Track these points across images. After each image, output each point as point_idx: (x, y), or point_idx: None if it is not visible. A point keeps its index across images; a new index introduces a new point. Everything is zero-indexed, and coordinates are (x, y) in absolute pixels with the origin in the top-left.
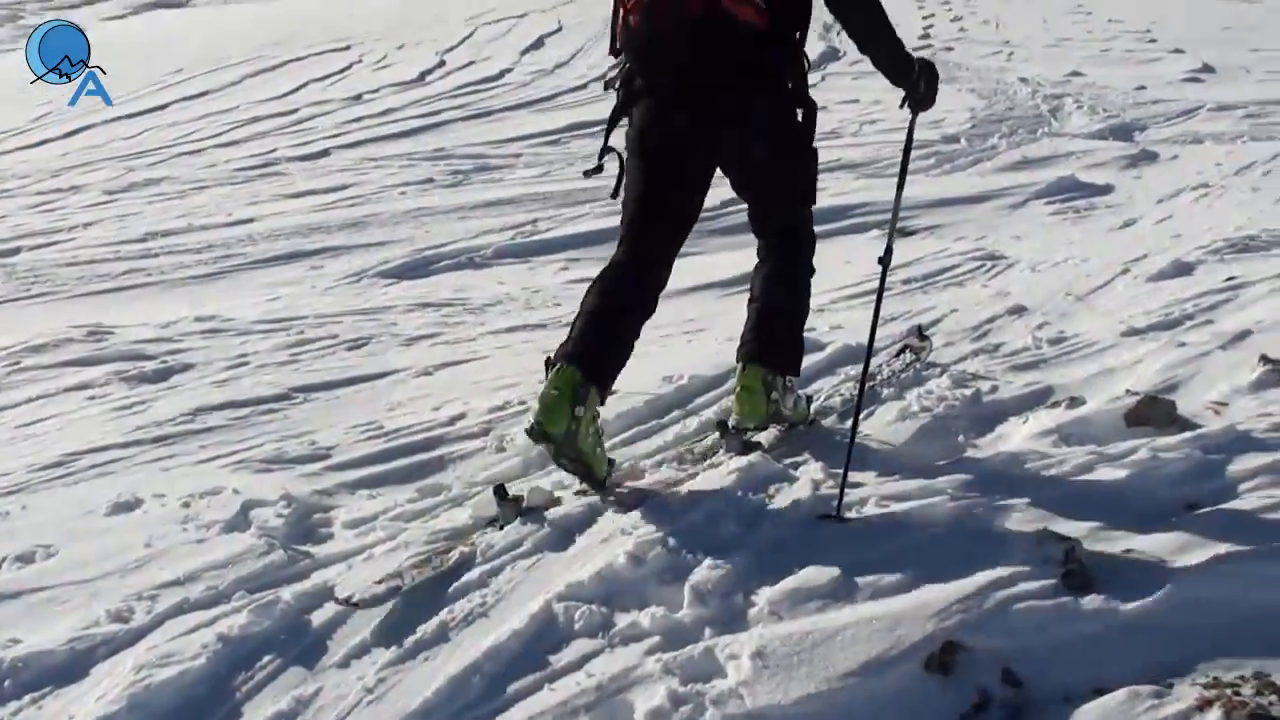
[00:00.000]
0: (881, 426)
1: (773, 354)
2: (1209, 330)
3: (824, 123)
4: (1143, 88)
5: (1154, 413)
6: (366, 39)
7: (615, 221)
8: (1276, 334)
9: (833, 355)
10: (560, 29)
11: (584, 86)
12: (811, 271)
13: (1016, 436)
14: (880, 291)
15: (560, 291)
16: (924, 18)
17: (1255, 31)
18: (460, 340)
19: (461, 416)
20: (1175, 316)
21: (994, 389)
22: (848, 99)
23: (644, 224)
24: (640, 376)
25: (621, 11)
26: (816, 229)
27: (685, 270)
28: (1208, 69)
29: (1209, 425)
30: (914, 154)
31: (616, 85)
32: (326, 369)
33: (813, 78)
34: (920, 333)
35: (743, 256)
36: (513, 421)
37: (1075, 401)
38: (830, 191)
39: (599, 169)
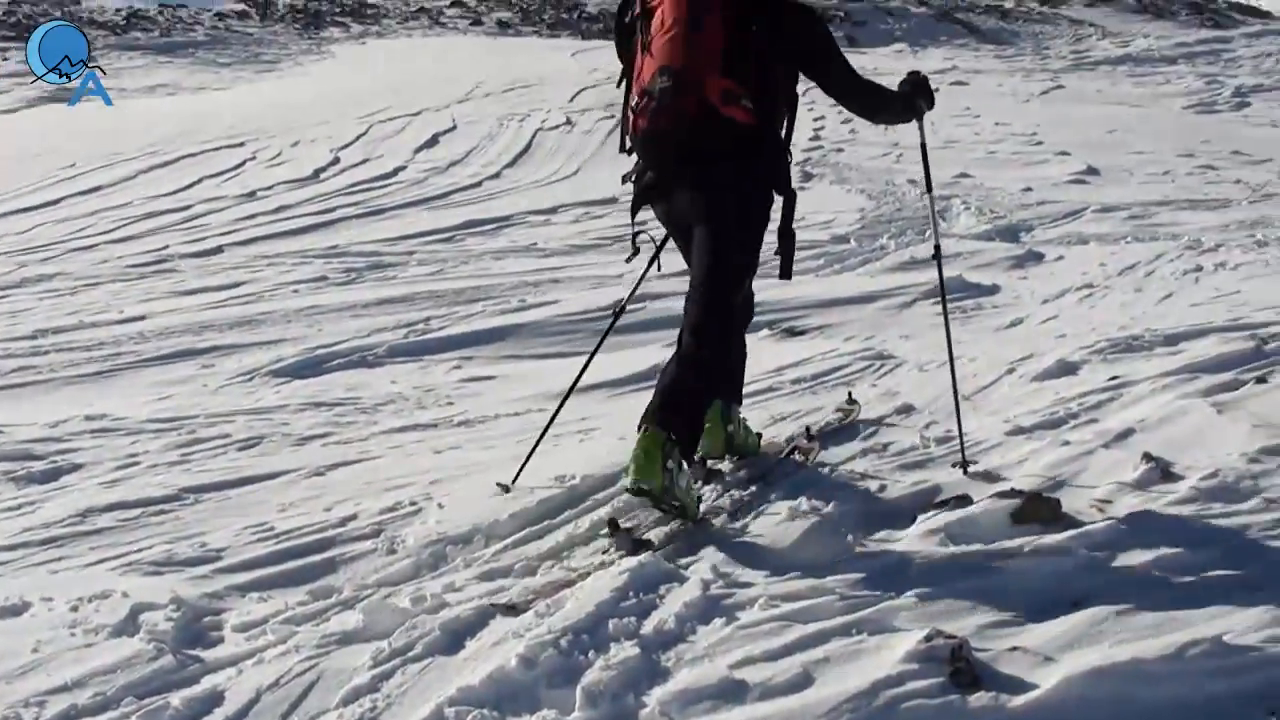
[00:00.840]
0: (771, 526)
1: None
2: (1093, 429)
3: None
4: (1029, 189)
5: (1040, 511)
6: (261, 135)
7: (509, 320)
8: (1159, 432)
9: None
10: (454, 127)
11: (478, 184)
12: (726, 343)
13: (905, 536)
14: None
15: (453, 391)
16: (814, 119)
17: (1137, 135)
18: (352, 440)
19: (353, 518)
20: (1060, 415)
21: (882, 488)
22: None
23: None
24: (532, 476)
25: (631, 116)
26: None
27: (575, 368)
28: (1092, 171)
29: (1093, 522)
30: (803, 254)
31: (632, 179)
32: (218, 469)
33: None
34: (809, 433)
35: (634, 355)
36: (404, 523)
37: (962, 500)
38: None
39: (636, 252)
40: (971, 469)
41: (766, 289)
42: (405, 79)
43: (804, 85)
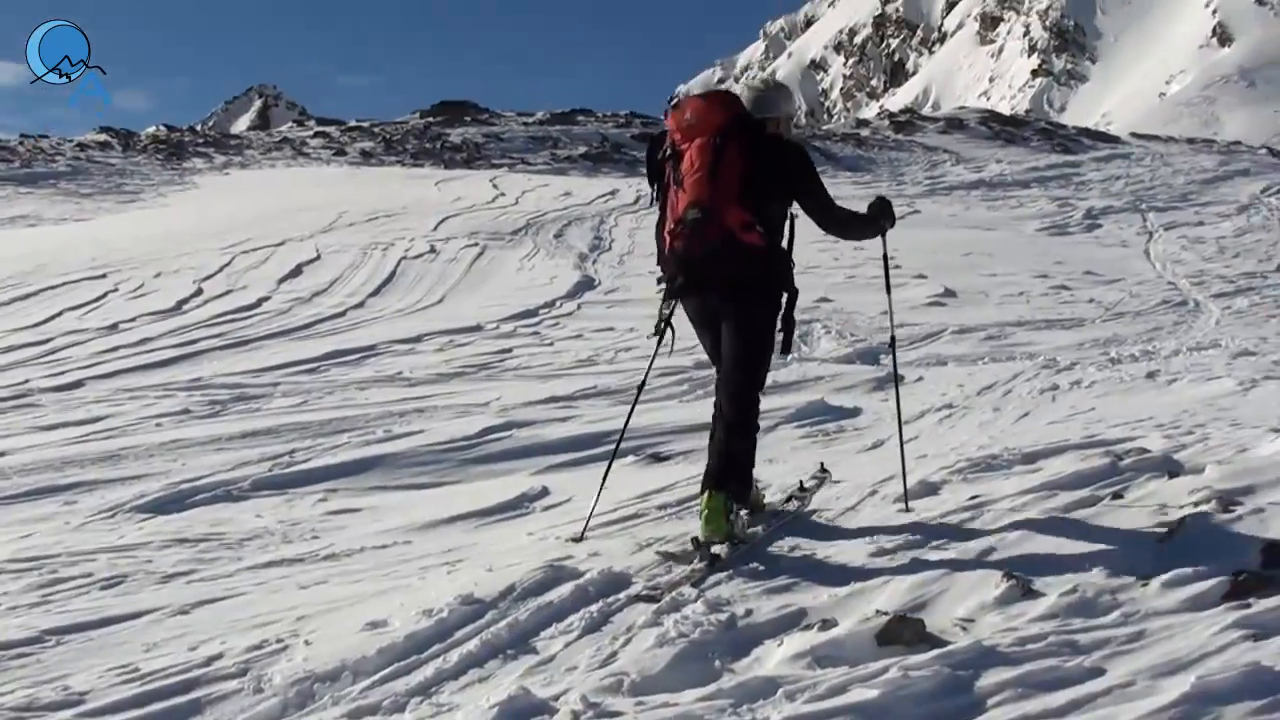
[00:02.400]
0: (641, 653)
1: (730, 480)
2: (954, 548)
3: (579, 351)
4: (888, 312)
5: (904, 632)
6: (123, 267)
7: (375, 451)
8: (1018, 550)
9: (589, 583)
10: (318, 257)
11: (342, 314)
12: (755, 425)
13: (772, 659)
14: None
15: (319, 524)
16: None
17: (993, 258)
18: (217, 577)
19: (219, 656)
20: (922, 536)
21: (748, 613)
22: (603, 327)
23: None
24: (398, 610)
25: (668, 238)
26: (571, 456)
27: (442, 499)
28: (950, 294)
29: (957, 642)
30: (668, 380)
31: (665, 282)
32: (80, 609)
33: (569, 306)
34: (802, 486)
35: (500, 484)
36: (270, 661)
37: (827, 624)
38: (585, 418)
39: (660, 333)
40: (832, 594)
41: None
42: (269, 209)
43: None
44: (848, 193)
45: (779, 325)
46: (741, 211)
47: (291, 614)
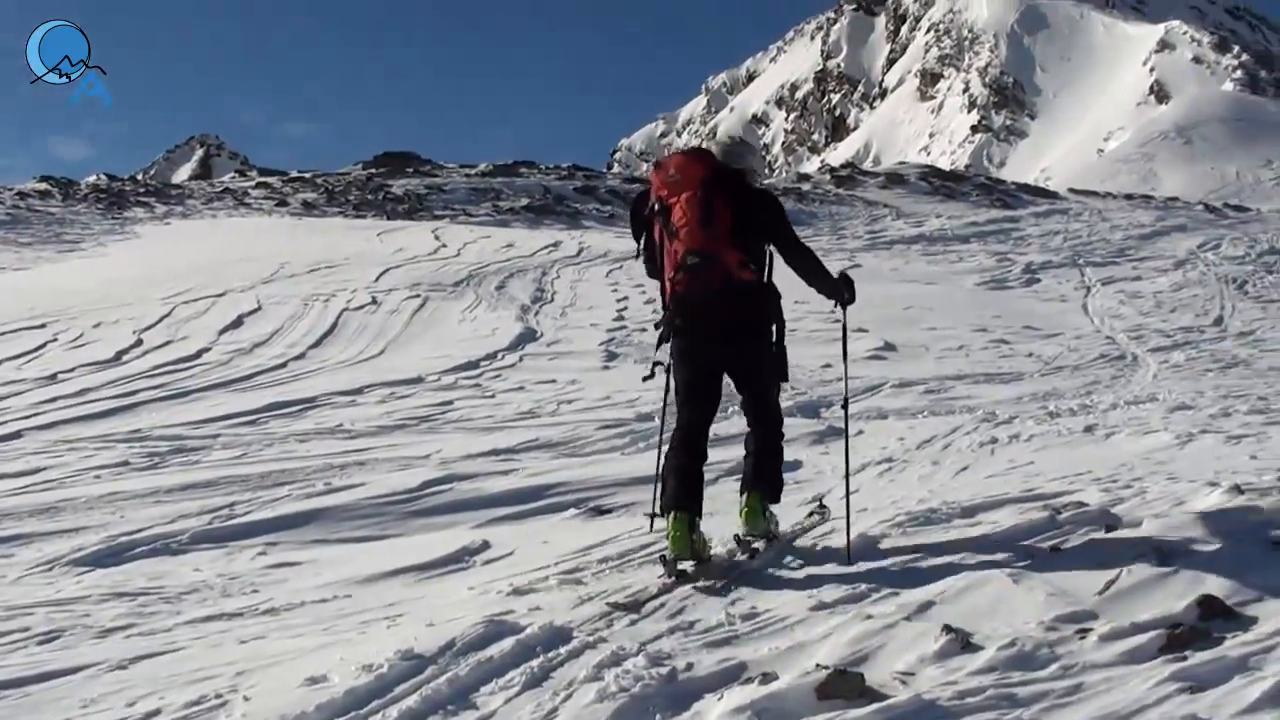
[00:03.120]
0: (581, 709)
1: (768, 485)
2: (894, 602)
3: (520, 403)
4: (829, 365)
5: (844, 686)
6: (63, 317)
7: (316, 504)
8: (958, 604)
9: (530, 638)
10: (259, 308)
11: (283, 365)
12: (783, 435)
13: (712, 714)
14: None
15: (258, 578)
16: (618, 300)
17: (932, 312)
18: (155, 631)
19: (157, 713)
20: (863, 589)
21: (689, 667)
22: (545, 379)
23: (692, 406)
24: (338, 665)
25: (670, 283)
26: (512, 510)
27: (383, 553)
28: (890, 347)
29: (897, 696)
30: (609, 433)
31: (663, 322)
32: (17, 664)
33: (511, 358)
34: (821, 505)
35: (441, 538)
36: (209, 716)
37: (768, 677)
38: (526, 471)
39: (653, 375)
40: (773, 647)
41: (571, 468)
42: (210, 260)
43: None
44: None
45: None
46: (735, 252)
47: (230, 669)
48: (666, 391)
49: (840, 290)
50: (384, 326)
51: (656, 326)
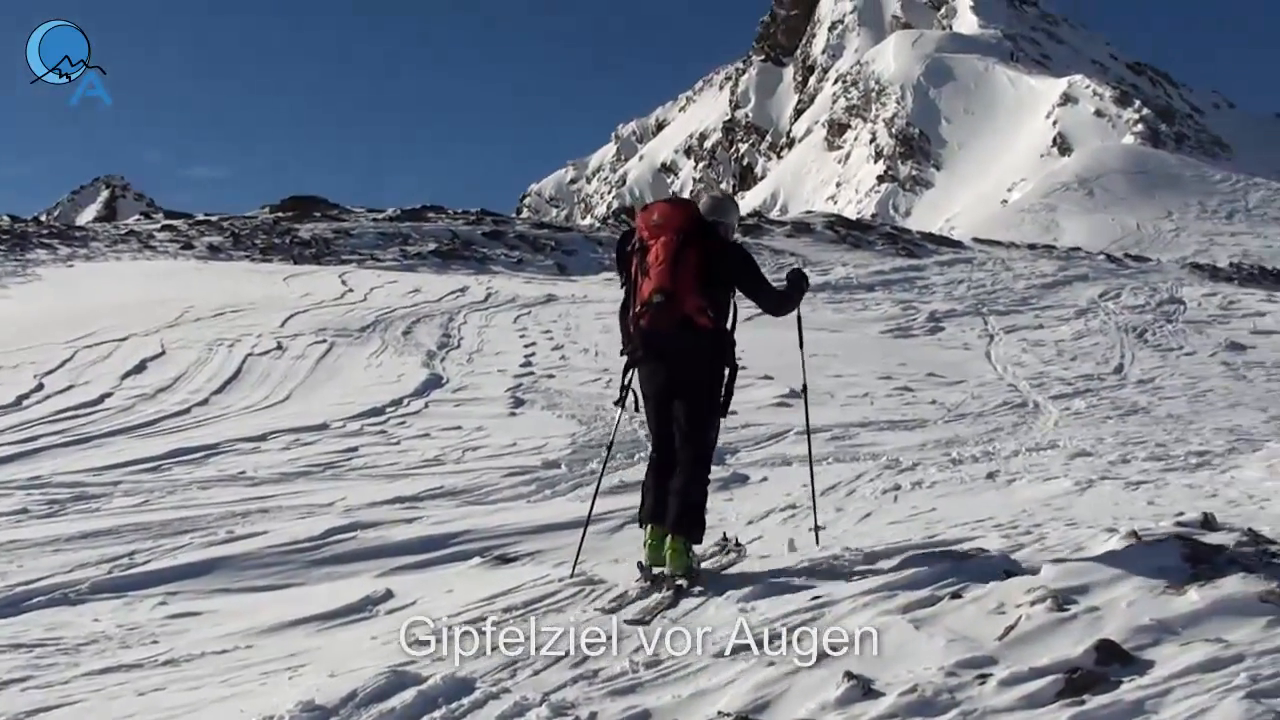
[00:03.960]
0: None
1: (688, 527)
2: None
3: (425, 450)
4: (734, 413)
5: None
6: None
7: (217, 552)
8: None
9: (433, 689)
10: (163, 353)
11: (186, 411)
12: (708, 477)
13: None
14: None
15: (158, 629)
16: (525, 346)
17: (837, 359)
18: (52, 684)
19: None
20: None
21: (593, 716)
22: (451, 426)
23: (657, 427)
24: (239, 718)
25: (635, 315)
26: (416, 558)
27: (285, 602)
28: (795, 395)
29: None
30: (515, 480)
31: (628, 353)
32: None
33: (417, 404)
34: (736, 543)
35: (344, 586)
36: None
37: None
38: (431, 519)
39: (622, 403)
40: (676, 695)
41: (476, 516)
42: (114, 303)
43: None
44: None
45: (723, 394)
46: (697, 298)
47: None
48: (619, 416)
49: (800, 291)
50: (289, 372)
51: (623, 353)
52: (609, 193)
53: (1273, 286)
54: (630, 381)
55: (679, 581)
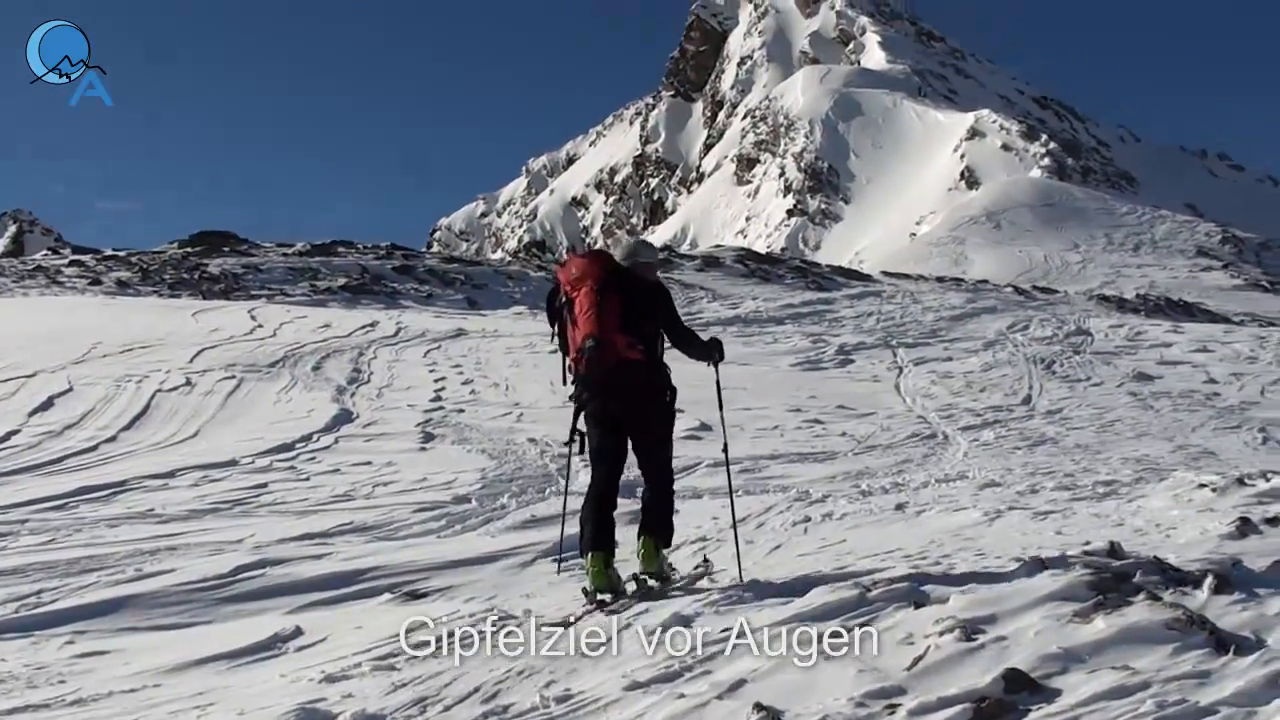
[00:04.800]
0: None
1: (661, 531)
2: (707, 680)
3: (335, 486)
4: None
5: None
6: None
7: (125, 590)
8: (770, 681)
9: None
10: (70, 389)
11: (94, 448)
12: (674, 489)
13: None
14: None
15: (65, 668)
16: (435, 380)
17: (748, 392)
18: None
19: None
20: (676, 668)
21: None
22: (361, 461)
23: (600, 465)
24: None
25: (573, 362)
26: (325, 595)
27: (193, 640)
28: (705, 427)
29: None
30: (425, 516)
31: (574, 397)
32: None
33: (327, 440)
34: (705, 561)
35: (252, 624)
36: None
37: None
38: (341, 555)
39: (571, 442)
40: None
41: (386, 552)
42: (20, 339)
43: None
44: None
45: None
46: (623, 336)
47: None
48: (570, 455)
49: (711, 351)
50: (198, 408)
51: (571, 399)
52: (520, 226)
53: (1179, 317)
54: (577, 423)
55: (650, 583)
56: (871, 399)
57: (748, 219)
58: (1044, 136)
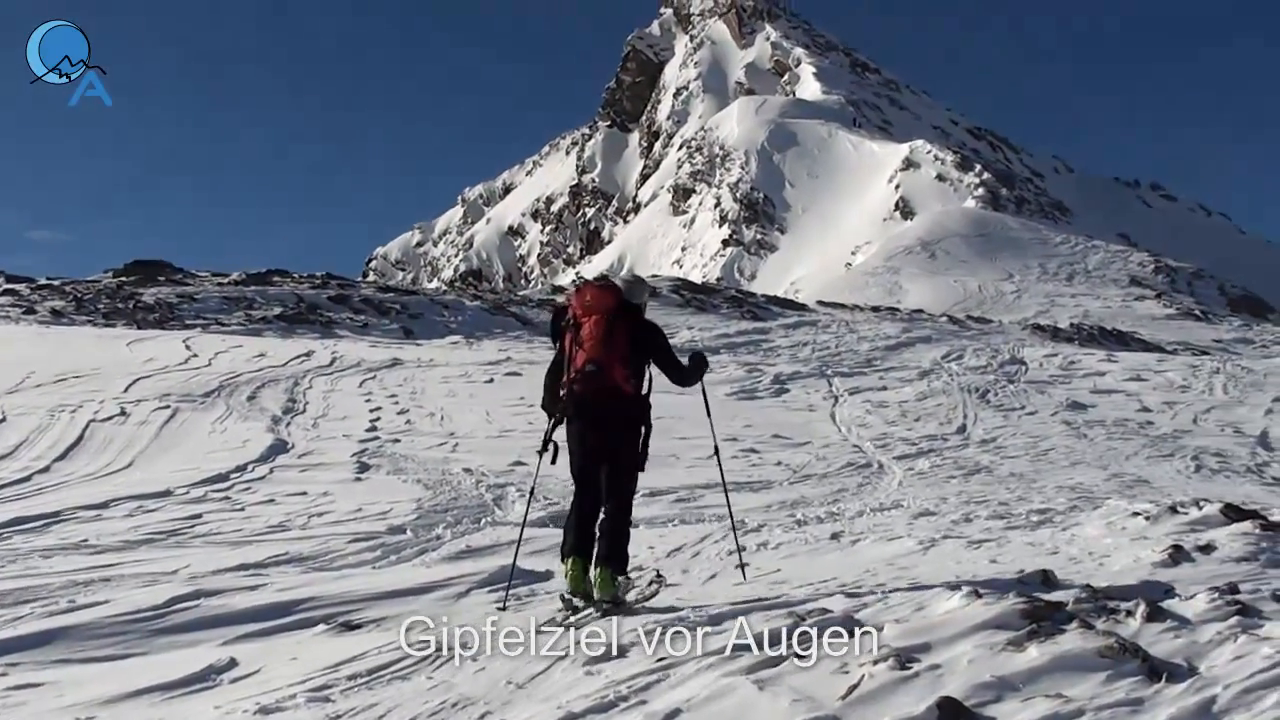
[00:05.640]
0: None
1: (615, 561)
2: (642, 711)
3: (270, 516)
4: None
5: None
6: None
7: (58, 622)
8: (704, 711)
9: None
10: (3, 419)
11: (27, 479)
12: (630, 518)
13: None
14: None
15: None
16: (371, 410)
17: (683, 421)
18: None
19: None
20: (610, 699)
21: None
22: (296, 491)
23: (582, 487)
24: None
25: (569, 381)
26: (260, 626)
27: (127, 672)
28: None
29: None
30: (360, 546)
31: (558, 413)
32: None
33: (262, 470)
34: (658, 576)
35: (186, 656)
36: None
37: None
38: (275, 586)
39: (545, 450)
40: None
41: (321, 583)
42: None
43: None
44: (543, 356)
45: (641, 450)
46: (623, 368)
47: None
48: (540, 463)
49: (700, 371)
50: (132, 438)
51: (550, 414)
52: (456, 256)
53: (1113, 347)
54: (552, 434)
55: (605, 605)
56: (807, 428)
57: (684, 249)
58: (978, 167)
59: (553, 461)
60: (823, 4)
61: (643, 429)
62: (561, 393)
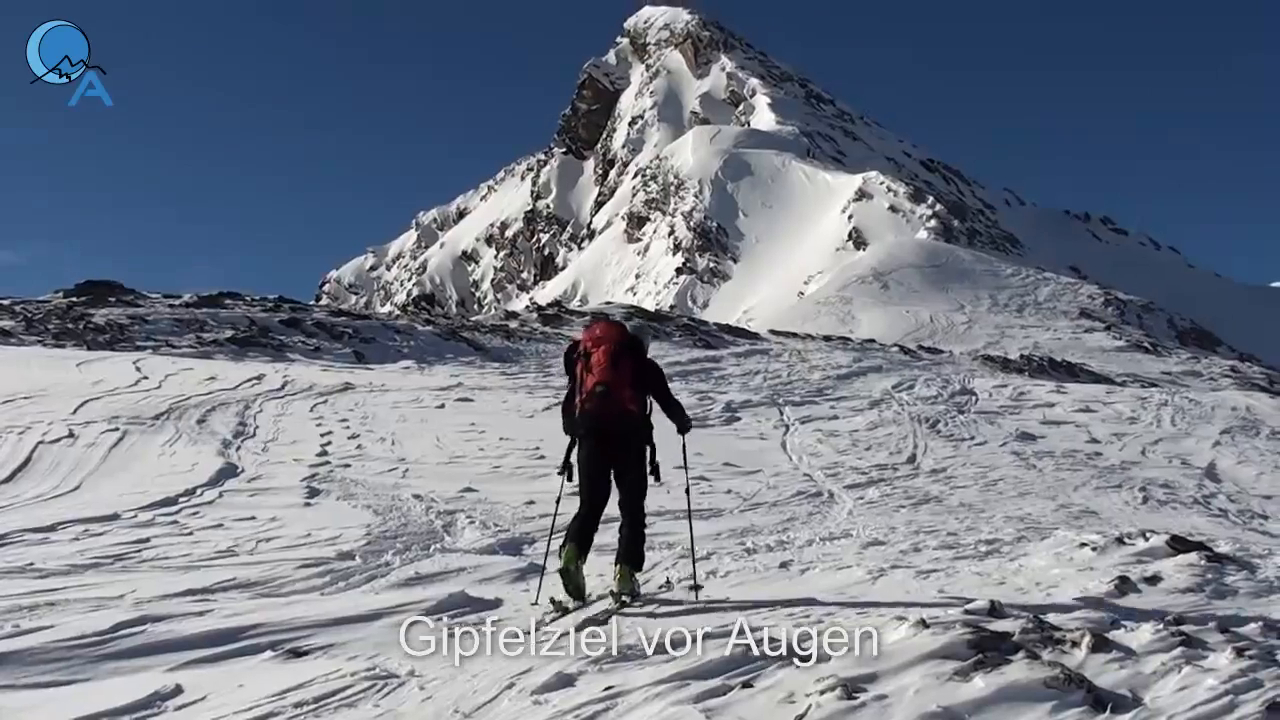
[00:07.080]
0: None
1: (633, 560)
2: None
3: (219, 541)
4: (532, 502)
5: None
6: None
7: (2, 647)
8: None
9: None
10: None
11: None
12: (645, 525)
13: None
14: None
15: None
16: (322, 435)
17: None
18: None
19: None
20: None
21: None
22: (245, 516)
23: (589, 497)
24: None
25: (581, 403)
26: (207, 652)
27: (71, 699)
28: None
29: None
30: (308, 572)
31: (574, 433)
32: None
33: (211, 494)
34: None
35: (132, 682)
36: None
37: None
38: (223, 612)
39: (563, 472)
40: None
41: (269, 609)
42: None
43: None
44: (495, 382)
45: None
46: (629, 390)
47: None
48: (563, 485)
49: (685, 423)
50: (80, 460)
51: (568, 431)
52: (409, 280)
53: (1062, 378)
54: (570, 456)
55: (624, 598)
56: (758, 457)
57: (638, 276)
58: (931, 198)
59: (570, 479)
60: (779, 35)
61: (648, 446)
62: (575, 414)
